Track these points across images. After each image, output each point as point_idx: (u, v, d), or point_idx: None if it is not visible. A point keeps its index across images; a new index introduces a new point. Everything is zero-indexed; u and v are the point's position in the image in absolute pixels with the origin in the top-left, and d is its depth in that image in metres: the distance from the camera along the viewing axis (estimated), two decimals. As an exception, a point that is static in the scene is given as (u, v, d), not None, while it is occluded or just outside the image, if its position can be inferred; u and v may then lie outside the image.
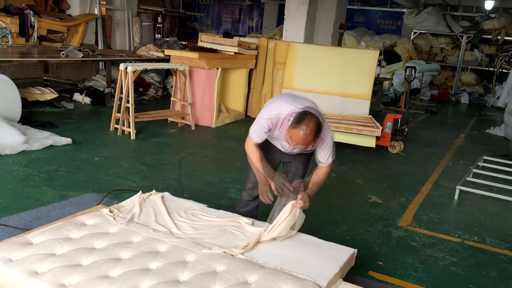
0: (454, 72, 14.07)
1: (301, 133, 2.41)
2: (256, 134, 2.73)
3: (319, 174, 2.78)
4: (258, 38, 8.42)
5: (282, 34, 9.56)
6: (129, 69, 5.82)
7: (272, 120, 2.64)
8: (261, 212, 3.17)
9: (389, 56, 13.45)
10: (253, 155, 2.78)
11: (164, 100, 8.78)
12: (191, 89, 6.85)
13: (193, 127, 6.72)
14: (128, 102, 5.87)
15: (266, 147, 2.91)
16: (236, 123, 7.48)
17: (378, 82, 9.52)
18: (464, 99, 12.99)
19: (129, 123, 5.89)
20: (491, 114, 11.34)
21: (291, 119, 2.49)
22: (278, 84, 7.76)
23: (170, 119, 6.91)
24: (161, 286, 2.06)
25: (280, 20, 16.01)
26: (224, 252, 2.43)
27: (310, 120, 2.41)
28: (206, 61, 6.78)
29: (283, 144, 2.81)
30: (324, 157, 2.71)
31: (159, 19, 13.89)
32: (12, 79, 5.89)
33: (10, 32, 8.99)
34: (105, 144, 5.54)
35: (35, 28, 9.46)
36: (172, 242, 2.50)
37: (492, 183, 4.96)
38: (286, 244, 2.62)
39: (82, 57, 7.62)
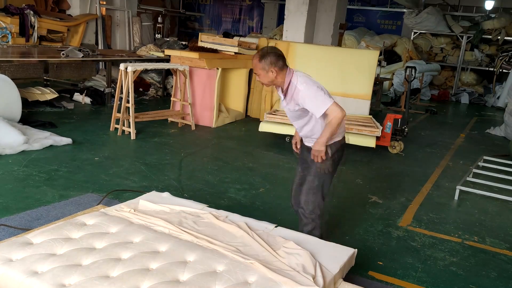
0: (454, 72, 14.07)
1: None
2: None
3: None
4: (258, 38, 8.43)
5: (282, 34, 9.56)
6: (129, 69, 5.82)
7: None
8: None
9: (389, 56, 13.45)
10: None
11: (164, 100, 8.78)
12: (191, 89, 6.85)
13: (193, 127, 6.72)
14: (128, 102, 5.87)
15: None
16: (236, 123, 7.48)
17: (378, 82, 9.52)
18: (464, 99, 12.99)
19: (129, 123, 5.89)
20: (491, 114, 11.34)
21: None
22: (278, 84, 7.74)
23: (170, 119, 6.91)
24: (161, 286, 2.06)
25: (280, 20, 16.02)
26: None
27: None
28: (206, 61, 6.78)
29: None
30: (313, 108, 2.70)
31: (159, 19, 13.90)
32: (12, 79, 5.90)
33: (10, 32, 9.00)
34: (105, 144, 5.54)
35: (35, 28, 9.47)
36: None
37: (492, 183, 4.96)
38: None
39: (82, 57, 7.63)
